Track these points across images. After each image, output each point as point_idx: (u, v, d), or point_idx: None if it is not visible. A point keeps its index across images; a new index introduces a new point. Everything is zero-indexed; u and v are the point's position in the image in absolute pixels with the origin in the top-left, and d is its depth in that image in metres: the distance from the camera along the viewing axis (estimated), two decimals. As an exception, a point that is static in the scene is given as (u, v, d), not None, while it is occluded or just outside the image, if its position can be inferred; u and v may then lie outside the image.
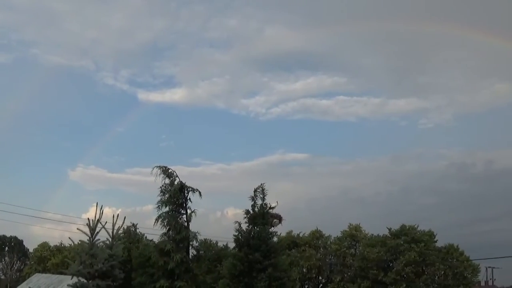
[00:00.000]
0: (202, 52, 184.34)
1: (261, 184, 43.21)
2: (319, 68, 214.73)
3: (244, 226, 42.75)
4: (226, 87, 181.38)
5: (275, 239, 44.76)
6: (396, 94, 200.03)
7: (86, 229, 26.87)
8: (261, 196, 42.90)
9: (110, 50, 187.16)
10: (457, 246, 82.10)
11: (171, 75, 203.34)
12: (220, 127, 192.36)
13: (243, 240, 42.33)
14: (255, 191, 43.00)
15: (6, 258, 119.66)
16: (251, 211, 42.66)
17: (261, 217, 42.23)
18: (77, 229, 27.58)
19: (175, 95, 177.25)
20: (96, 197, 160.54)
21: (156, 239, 45.66)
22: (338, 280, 79.12)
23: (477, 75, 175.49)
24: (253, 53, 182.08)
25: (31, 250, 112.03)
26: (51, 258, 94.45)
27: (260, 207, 42.61)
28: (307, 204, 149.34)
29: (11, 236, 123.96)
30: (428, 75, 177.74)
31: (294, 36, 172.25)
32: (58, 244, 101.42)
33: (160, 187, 43.57)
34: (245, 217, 42.72)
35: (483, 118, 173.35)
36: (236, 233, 42.86)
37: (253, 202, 42.74)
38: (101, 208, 27.17)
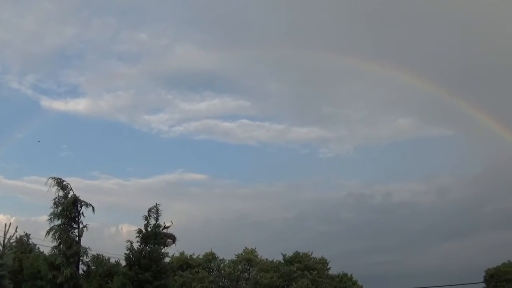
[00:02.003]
0: (110, 64, 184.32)
1: (156, 204, 45.16)
2: (225, 90, 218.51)
3: (136, 245, 44.57)
4: (130, 101, 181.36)
5: (166, 259, 46.73)
6: (299, 121, 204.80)
7: (-22, 237, 27.79)
8: (155, 216, 44.82)
9: (18, 53, 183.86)
10: (351, 275, 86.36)
11: (76, 85, 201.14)
12: (121, 141, 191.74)
13: (134, 259, 44.04)
14: (149, 210, 44.88)
15: None
16: (144, 230, 44.55)
17: (153, 237, 44.16)
18: (-32, 236, 28.45)
19: (79, 105, 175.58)
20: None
21: (50, 251, 46.28)
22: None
23: (380, 108, 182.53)
24: (160, 70, 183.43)
25: None
26: None
27: (153, 227, 44.52)
28: (203, 226, 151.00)
29: None
30: (332, 105, 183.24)
31: (203, 56, 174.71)
32: None
33: (54, 199, 44.71)
34: (137, 236, 44.59)
35: (383, 151, 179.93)
36: (128, 252, 44.59)
37: (146, 222, 44.62)
38: (-7, 216, 28.35)
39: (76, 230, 44.84)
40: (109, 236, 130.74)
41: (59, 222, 44.36)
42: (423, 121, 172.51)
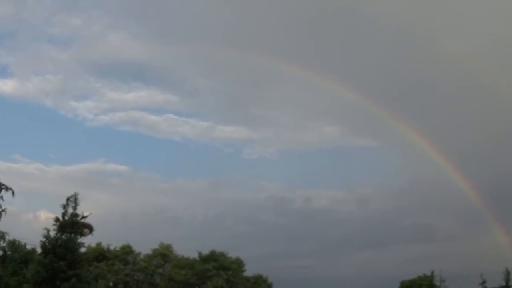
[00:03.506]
0: (41, 47, 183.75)
1: (75, 194, 45.61)
2: (154, 83, 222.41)
3: (53, 233, 45.18)
4: (58, 86, 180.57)
5: (82, 249, 47.43)
6: (225, 120, 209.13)
7: None
8: (73, 205, 45.45)
9: None
10: (266, 277, 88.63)
11: (5, 65, 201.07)
12: (45, 126, 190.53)
13: (50, 247, 44.57)
14: (67, 199, 45.51)
15: None
16: (61, 219, 45.22)
17: (70, 226, 44.76)
18: None
19: (6, 86, 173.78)
20: None
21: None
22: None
23: (308, 115, 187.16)
24: (91, 56, 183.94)
25: None
26: None
27: (70, 216, 45.19)
28: (122, 218, 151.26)
29: None
30: (261, 107, 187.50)
31: (135, 47, 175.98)
32: None
33: (-27, 181, 45.01)
34: (54, 224, 45.22)
35: (307, 156, 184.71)
36: (44, 239, 45.18)
37: (64, 210, 45.27)
38: None
39: (-6, 214, 45.02)
40: (26, 222, 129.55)
41: (-23, 204, 44.53)
42: (350, 131, 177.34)
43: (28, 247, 75.75)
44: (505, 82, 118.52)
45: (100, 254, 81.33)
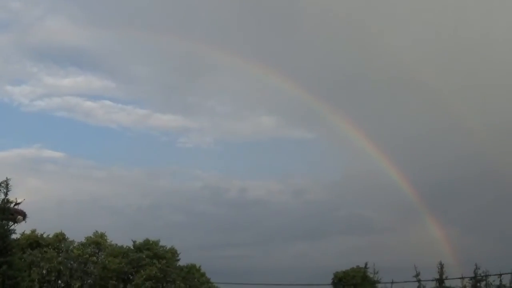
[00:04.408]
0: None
1: (6, 179, 45.64)
2: (91, 68, 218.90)
3: (-17, 220, 45.06)
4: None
5: (14, 236, 47.41)
6: (162, 108, 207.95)
7: None
8: (5, 191, 45.37)
9: None
10: (199, 267, 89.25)
11: None
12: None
13: (-19, 233, 44.54)
14: (-1, 184, 45.52)
15: None
16: (-8, 205, 45.10)
17: (1, 212, 44.72)
18: None
19: None
20: None
21: None
22: (77, 286, 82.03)
23: (245, 104, 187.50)
24: (29, 40, 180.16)
25: None
26: None
27: (2, 202, 45.12)
28: (57, 205, 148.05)
29: None
30: (197, 95, 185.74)
31: (73, 31, 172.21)
32: None
33: None
34: (-14, 210, 45.15)
35: (244, 146, 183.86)
36: (-27, 226, 45.07)
37: (-5, 196, 45.17)
38: None
39: None
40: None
41: None
42: (286, 122, 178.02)
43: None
44: (444, 80, 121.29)
45: (34, 242, 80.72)
